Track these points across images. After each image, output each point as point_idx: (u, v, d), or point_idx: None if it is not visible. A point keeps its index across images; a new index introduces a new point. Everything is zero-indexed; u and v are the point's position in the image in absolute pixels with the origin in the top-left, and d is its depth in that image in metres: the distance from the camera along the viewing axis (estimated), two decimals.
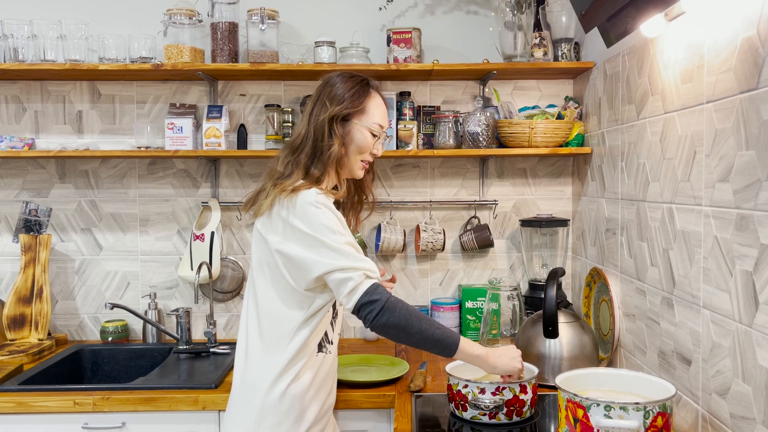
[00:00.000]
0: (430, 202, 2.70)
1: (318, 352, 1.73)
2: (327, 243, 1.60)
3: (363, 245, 2.60)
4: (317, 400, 1.74)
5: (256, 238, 1.73)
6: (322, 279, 1.63)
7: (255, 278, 1.73)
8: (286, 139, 2.54)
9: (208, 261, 2.55)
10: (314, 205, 1.61)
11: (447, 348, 1.64)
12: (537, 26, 2.50)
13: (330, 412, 1.85)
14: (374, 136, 1.76)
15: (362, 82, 1.77)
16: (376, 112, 1.76)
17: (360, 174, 1.80)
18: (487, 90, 2.68)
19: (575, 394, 1.47)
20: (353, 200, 1.89)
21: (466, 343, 1.66)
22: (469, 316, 2.60)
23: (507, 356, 1.70)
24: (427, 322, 1.62)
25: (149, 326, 2.62)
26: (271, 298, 1.69)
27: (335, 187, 1.79)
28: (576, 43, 2.51)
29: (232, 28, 2.51)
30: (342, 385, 2.07)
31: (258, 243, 1.72)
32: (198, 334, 2.67)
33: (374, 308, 1.57)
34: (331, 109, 1.70)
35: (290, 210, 1.63)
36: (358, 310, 1.59)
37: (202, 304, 2.67)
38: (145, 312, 2.62)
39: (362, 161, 1.77)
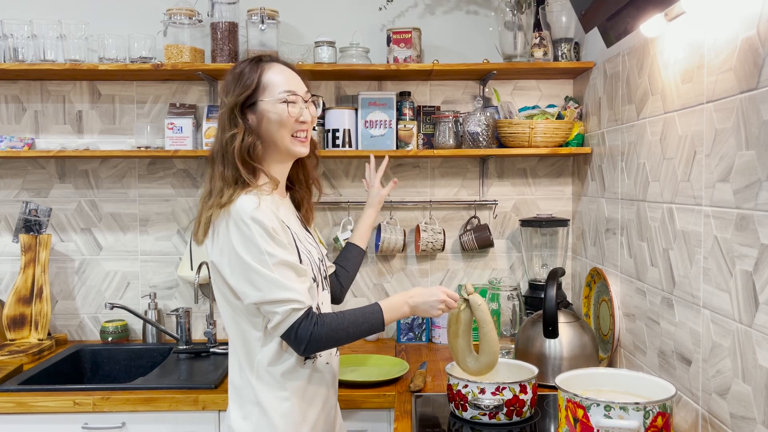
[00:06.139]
0: (430, 202, 2.70)
1: (306, 359, 1.66)
2: (255, 269, 1.52)
3: None
4: (315, 405, 1.69)
5: (211, 267, 1.65)
6: None
7: (219, 307, 1.68)
8: None
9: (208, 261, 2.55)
10: (244, 221, 1.53)
11: (377, 330, 1.65)
12: (537, 26, 2.50)
13: (335, 410, 1.81)
14: (290, 103, 1.63)
15: (251, 61, 1.66)
16: (278, 80, 1.63)
17: (300, 150, 1.67)
18: (487, 90, 2.68)
19: (575, 394, 1.47)
20: (304, 189, 1.82)
21: (389, 313, 1.66)
22: None
23: (425, 304, 1.70)
24: (352, 326, 1.60)
25: (149, 326, 2.62)
26: (234, 322, 1.64)
27: (291, 184, 1.77)
28: (576, 43, 2.51)
29: (232, 28, 2.51)
30: (342, 385, 2.06)
31: (212, 271, 1.65)
32: (198, 334, 2.67)
33: (299, 345, 1.56)
34: (227, 102, 1.63)
35: (228, 223, 1.56)
36: (287, 340, 1.58)
37: (202, 304, 2.67)
38: (145, 312, 2.62)
39: (294, 136, 1.65)
